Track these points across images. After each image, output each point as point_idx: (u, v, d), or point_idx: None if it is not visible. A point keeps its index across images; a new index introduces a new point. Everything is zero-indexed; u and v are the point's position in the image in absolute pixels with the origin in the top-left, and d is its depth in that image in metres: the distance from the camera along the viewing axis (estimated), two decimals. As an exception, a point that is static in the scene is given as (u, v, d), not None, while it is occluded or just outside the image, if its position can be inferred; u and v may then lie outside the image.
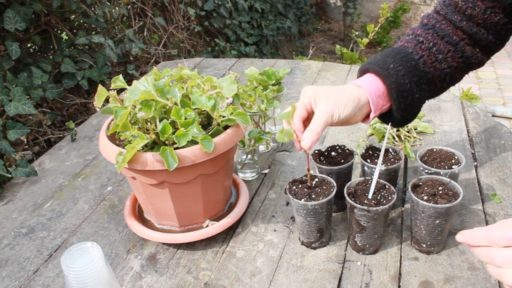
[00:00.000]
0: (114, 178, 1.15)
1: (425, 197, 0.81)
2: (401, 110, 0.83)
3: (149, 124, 0.77)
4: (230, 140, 0.82)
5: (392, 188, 0.83)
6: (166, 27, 2.69)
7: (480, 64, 0.89)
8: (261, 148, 1.21)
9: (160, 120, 0.78)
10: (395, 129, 1.21)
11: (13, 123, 1.25)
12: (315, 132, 0.77)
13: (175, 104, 0.80)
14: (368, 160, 0.93)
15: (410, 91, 0.82)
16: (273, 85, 1.18)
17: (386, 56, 0.83)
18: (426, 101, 0.87)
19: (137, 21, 2.45)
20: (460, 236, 0.62)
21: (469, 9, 0.82)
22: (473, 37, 0.85)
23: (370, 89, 0.81)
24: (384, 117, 0.86)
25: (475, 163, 1.10)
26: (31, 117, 1.50)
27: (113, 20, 2.12)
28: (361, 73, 0.86)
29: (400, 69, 0.81)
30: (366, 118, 0.84)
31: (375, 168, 0.83)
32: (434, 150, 0.95)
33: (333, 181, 0.85)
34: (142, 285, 0.82)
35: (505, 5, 0.79)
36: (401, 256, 0.84)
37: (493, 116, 2.92)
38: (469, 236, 0.60)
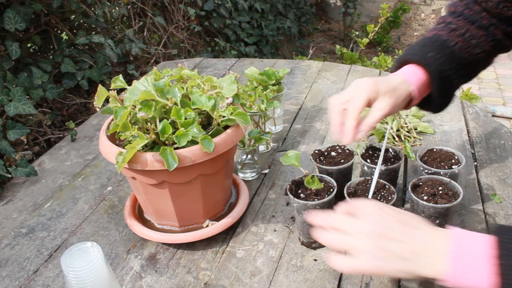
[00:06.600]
0: (114, 178, 1.15)
1: (425, 197, 0.81)
2: (441, 97, 0.84)
3: (149, 124, 0.77)
4: (230, 140, 0.82)
5: (392, 188, 0.83)
6: (166, 27, 2.69)
7: (509, 48, 0.90)
8: (261, 148, 1.21)
9: (160, 120, 0.78)
10: (395, 129, 1.21)
11: (13, 123, 1.25)
12: (371, 127, 0.79)
13: (175, 104, 0.80)
14: (368, 160, 0.93)
15: (449, 77, 0.83)
16: (273, 85, 1.18)
17: (424, 46, 0.84)
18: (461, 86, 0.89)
19: (137, 21, 2.44)
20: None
21: (484, 3, 0.84)
22: (495, 26, 0.85)
23: (413, 79, 0.82)
24: (421, 105, 0.87)
25: (475, 163, 1.10)
26: (31, 117, 1.50)
27: (113, 20, 2.12)
28: (400, 64, 0.87)
29: (439, 56, 0.82)
30: (407, 105, 0.85)
31: (375, 168, 0.83)
32: (434, 150, 0.95)
33: (333, 181, 0.85)
34: (142, 285, 0.82)
35: None
36: (401, 256, 0.84)
37: (493, 116, 2.92)
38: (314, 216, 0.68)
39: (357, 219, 0.63)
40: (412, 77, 0.82)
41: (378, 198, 0.81)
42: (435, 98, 0.84)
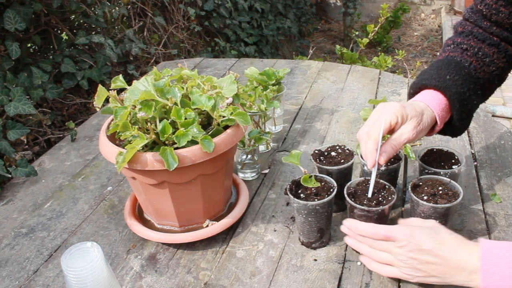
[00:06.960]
0: (114, 178, 1.15)
1: (425, 197, 0.81)
2: (462, 120, 0.83)
3: (149, 124, 0.77)
4: (230, 140, 0.82)
5: (392, 188, 0.83)
6: (166, 27, 2.69)
7: None
8: (261, 148, 1.21)
9: (160, 120, 0.78)
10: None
11: (13, 123, 1.25)
12: (395, 150, 0.79)
13: (175, 104, 0.80)
14: (368, 160, 0.92)
15: (469, 98, 0.82)
16: (273, 85, 1.18)
17: (439, 69, 0.83)
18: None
19: (137, 21, 2.44)
20: (344, 227, 0.81)
21: (494, 16, 0.82)
22: (506, 40, 0.85)
23: (434, 104, 0.81)
24: (441, 130, 0.86)
25: (475, 163, 1.10)
26: (31, 117, 1.50)
27: (113, 20, 2.12)
28: (417, 89, 0.85)
29: (457, 78, 0.81)
30: (430, 131, 0.85)
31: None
32: (434, 150, 0.95)
33: (333, 181, 0.85)
34: (142, 285, 0.82)
35: None
36: (401, 256, 0.84)
37: (493, 116, 2.92)
38: (353, 226, 0.78)
39: (391, 244, 0.73)
40: (432, 102, 0.81)
41: (378, 198, 0.81)
42: (455, 122, 0.83)
